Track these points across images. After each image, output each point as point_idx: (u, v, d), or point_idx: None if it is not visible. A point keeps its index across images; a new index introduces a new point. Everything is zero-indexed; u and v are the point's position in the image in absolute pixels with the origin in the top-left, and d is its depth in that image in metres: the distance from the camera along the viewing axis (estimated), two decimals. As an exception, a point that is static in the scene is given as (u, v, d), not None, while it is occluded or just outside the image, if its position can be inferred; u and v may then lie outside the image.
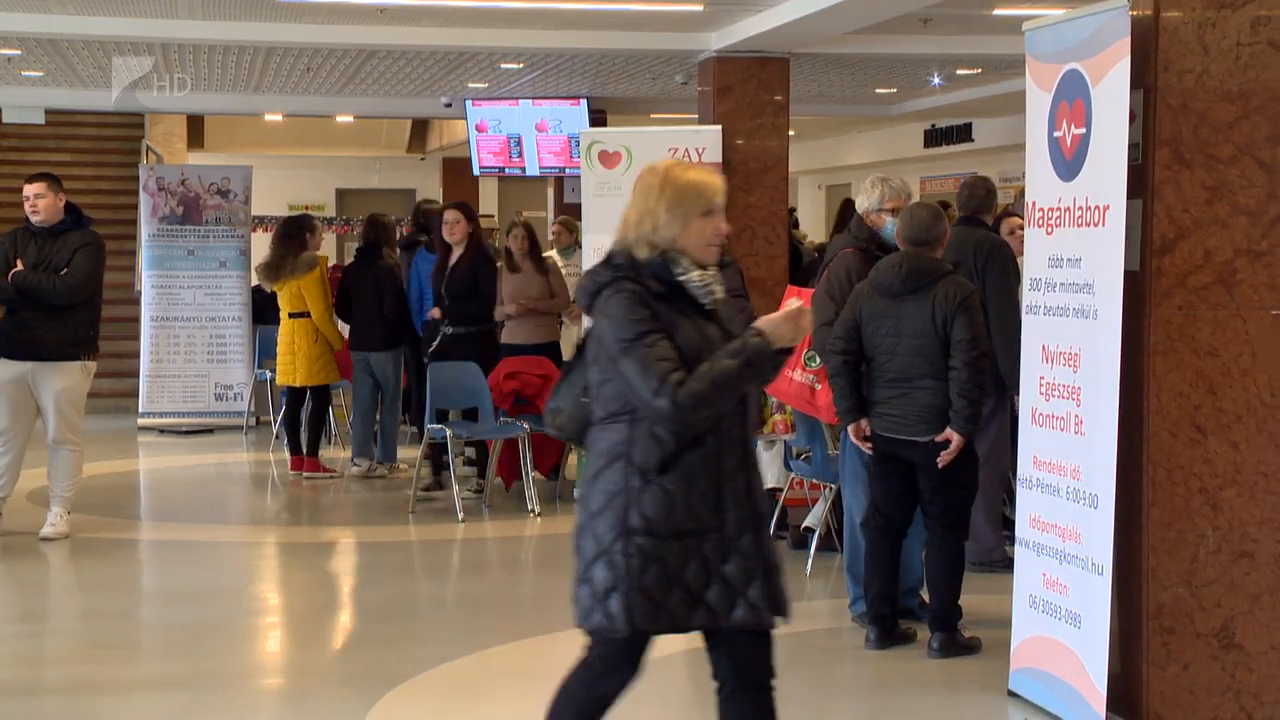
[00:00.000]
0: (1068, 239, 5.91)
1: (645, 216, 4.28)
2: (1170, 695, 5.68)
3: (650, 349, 4.11)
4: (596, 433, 4.28)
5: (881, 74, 14.32)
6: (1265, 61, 5.60)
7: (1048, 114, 6.06)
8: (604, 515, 4.20)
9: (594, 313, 4.32)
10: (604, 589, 4.19)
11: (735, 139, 11.33)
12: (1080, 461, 5.80)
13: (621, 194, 10.65)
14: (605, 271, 4.28)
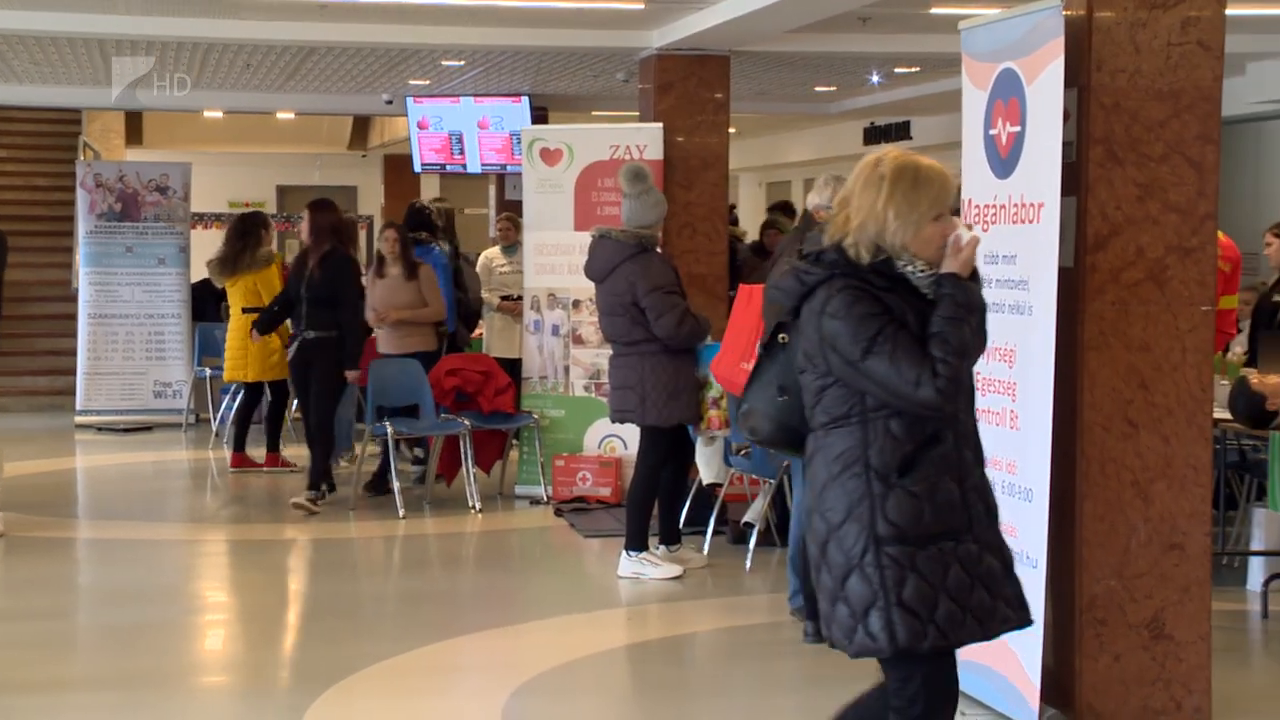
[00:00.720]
0: (1003, 236, 5.96)
1: (869, 219, 3.98)
2: (1102, 686, 5.74)
3: (895, 343, 3.89)
4: (820, 439, 4.03)
5: (821, 72, 14.39)
6: (1195, 61, 5.66)
7: (983, 112, 6.12)
8: (848, 526, 3.94)
9: (806, 314, 4.03)
10: (862, 606, 3.92)
11: (676, 136, 11.36)
12: (1015, 456, 5.85)
13: (563, 191, 10.81)
14: (817, 270, 4.02)
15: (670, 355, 8.18)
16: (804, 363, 4.07)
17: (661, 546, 8.50)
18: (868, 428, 3.96)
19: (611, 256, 8.21)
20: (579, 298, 10.52)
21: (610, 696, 6.62)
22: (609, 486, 10.35)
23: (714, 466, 8.95)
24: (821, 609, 4.05)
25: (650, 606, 7.96)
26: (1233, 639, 7.11)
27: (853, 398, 3.98)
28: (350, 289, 10.15)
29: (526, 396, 10.86)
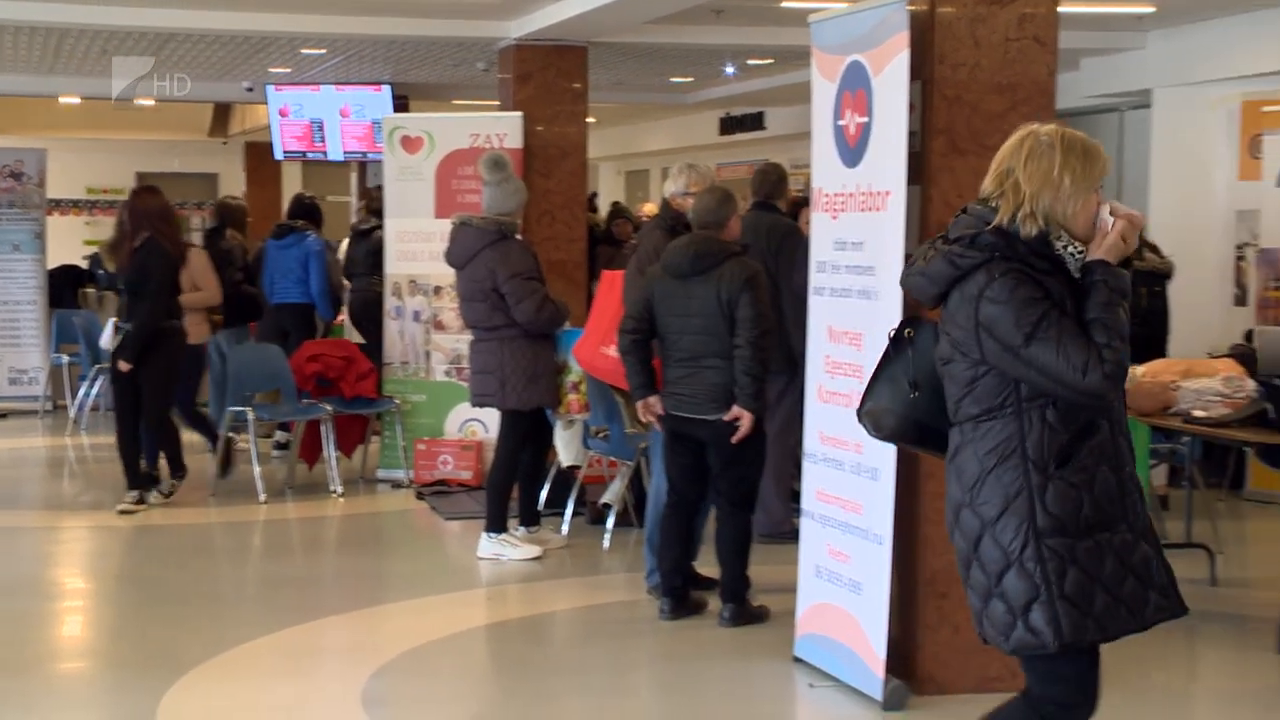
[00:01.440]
0: (851, 223, 6.05)
1: (1044, 187, 3.78)
2: (943, 656, 5.86)
3: (1060, 329, 3.70)
4: (970, 432, 3.84)
5: (677, 63, 14.47)
6: (1031, 56, 5.79)
7: (833, 103, 6.19)
8: (1005, 519, 3.78)
9: (957, 300, 3.82)
10: (1022, 602, 3.77)
11: (535, 125, 11.37)
12: (863, 437, 5.85)
13: (423, 178, 10.78)
14: (973, 253, 3.80)
15: (530, 340, 8.20)
16: (950, 352, 3.86)
17: (521, 528, 8.52)
18: (1023, 418, 3.77)
19: (472, 243, 8.20)
20: (440, 284, 10.50)
21: (469, 676, 6.64)
22: (470, 470, 10.35)
23: (573, 449, 8.98)
24: (972, 605, 3.90)
25: (510, 587, 7.99)
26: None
27: (1007, 387, 3.78)
28: (153, 280, 9.40)
29: (388, 382, 10.82)
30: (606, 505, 8.84)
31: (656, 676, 6.50)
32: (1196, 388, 7.19)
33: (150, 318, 9.33)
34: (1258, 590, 7.68)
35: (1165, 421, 7.22)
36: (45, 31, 12.29)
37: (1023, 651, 3.82)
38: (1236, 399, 7.02)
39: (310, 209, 12.19)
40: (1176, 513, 8.84)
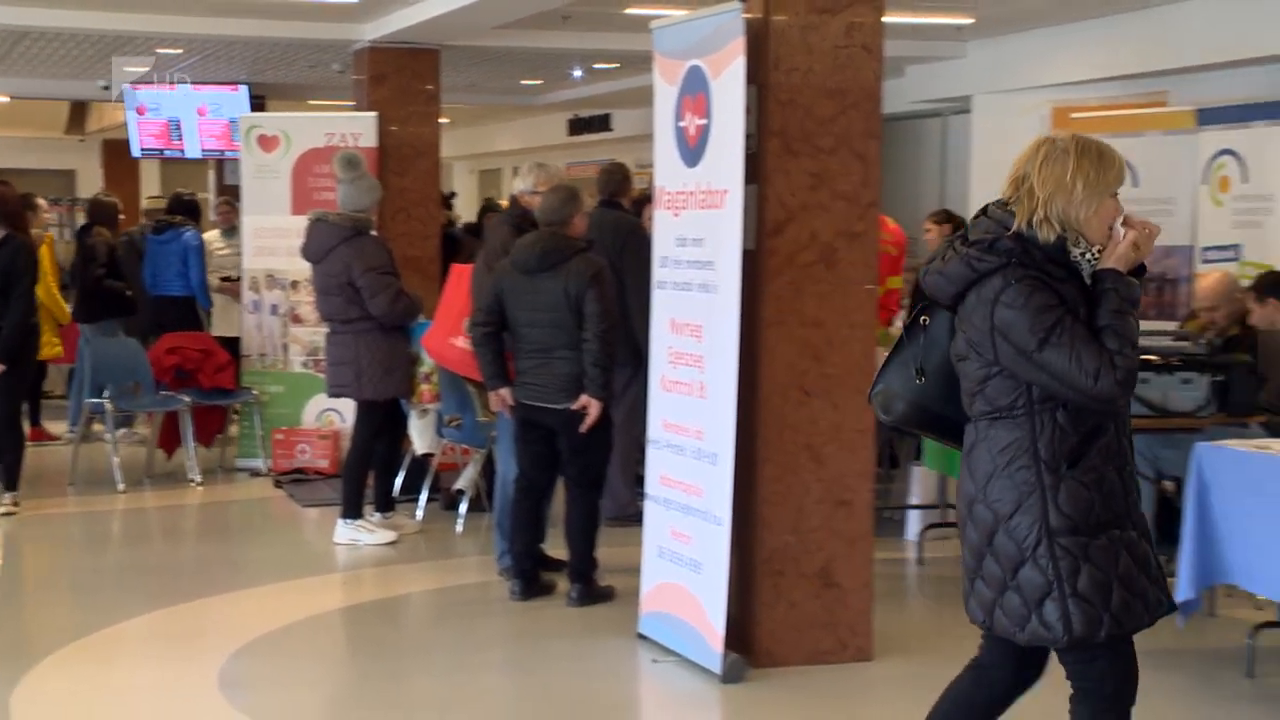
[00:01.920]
0: (692, 220, 6.07)
1: (1057, 192, 3.70)
2: (779, 631, 5.92)
3: (1074, 335, 3.64)
4: (984, 430, 3.79)
5: (527, 66, 14.42)
6: (859, 63, 5.85)
7: (674, 106, 6.21)
8: (1019, 517, 3.72)
9: (973, 302, 3.74)
10: (1036, 596, 3.73)
11: (390, 125, 11.27)
12: (703, 423, 5.97)
13: (280, 176, 10.63)
14: (990, 257, 3.71)
15: (384, 333, 8.13)
16: (965, 350, 3.81)
17: (376, 514, 8.47)
18: (1034, 419, 3.72)
19: (328, 239, 8.12)
20: (297, 278, 10.37)
21: (325, 657, 6.56)
22: (327, 458, 10.23)
23: (427, 437, 8.93)
24: (985, 596, 3.83)
25: (365, 570, 7.91)
26: (893, 584, 7.39)
27: (1018, 389, 3.73)
28: (24, 276, 8.92)
29: (246, 373, 10.66)
30: (460, 491, 8.81)
31: (507, 655, 6.48)
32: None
33: (24, 316, 8.98)
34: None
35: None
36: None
37: (1035, 643, 3.79)
38: (1050, 386, 7.16)
39: (189, 205, 12.14)
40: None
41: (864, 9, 5.83)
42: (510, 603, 7.01)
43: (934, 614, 7.14)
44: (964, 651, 6.24)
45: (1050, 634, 3.73)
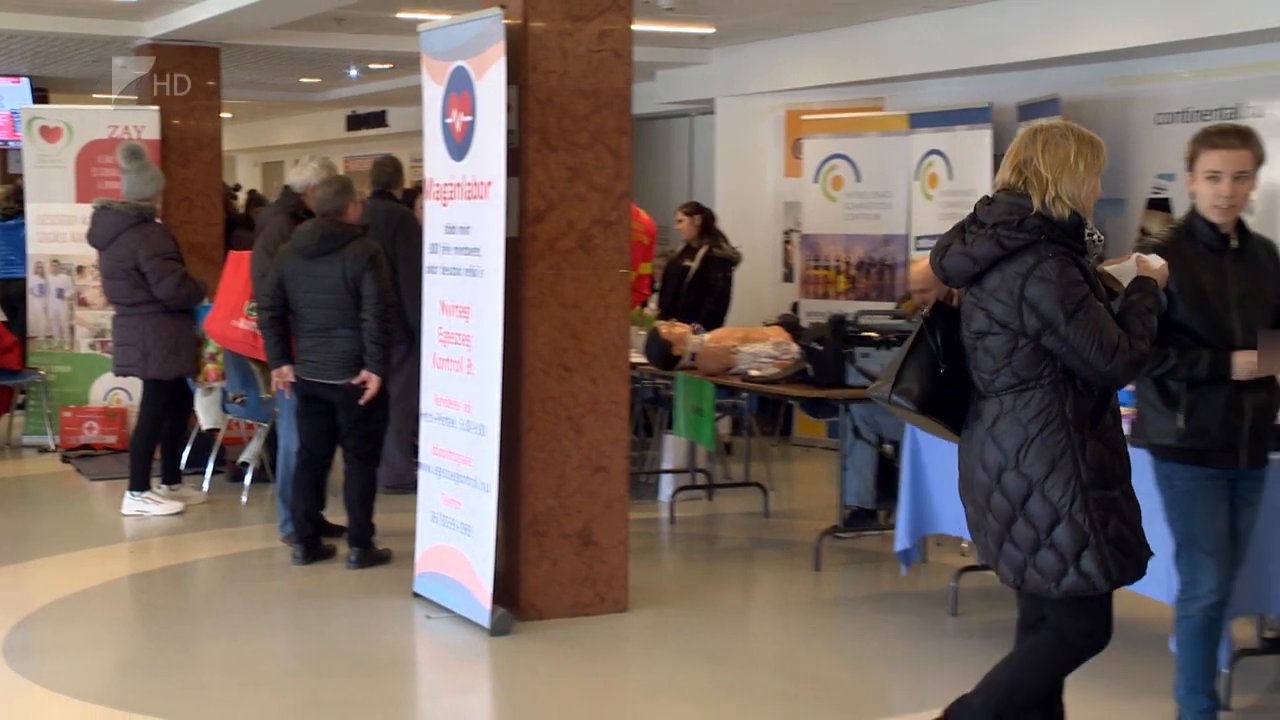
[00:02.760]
0: (459, 210, 6.03)
1: (1063, 173, 3.69)
2: (543, 587, 5.93)
3: (1097, 314, 3.63)
4: (1008, 402, 3.72)
5: (305, 65, 14.11)
6: (610, 66, 5.86)
7: (441, 103, 6.16)
8: (1053, 478, 3.68)
9: (999, 278, 3.69)
10: (1074, 550, 3.68)
11: (172, 119, 10.94)
12: (471, 397, 5.95)
13: (63, 166, 10.21)
14: (1020, 235, 3.67)
15: (170, 315, 7.94)
16: (988, 325, 3.73)
17: (164, 486, 8.24)
18: (1058, 387, 3.69)
19: (113, 226, 7.90)
20: (82, 264, 9.99)
21: (113, 622, 6.33)
22: (115, 434, 9.89)
23: (212, 414, 8.70)
24: (1016, 558, 3.76)
25: (153, 540, 7.66)
26: (647, 542, 7.47)
27: (1045, 359, 3.69)
28: None
29: (33, 354, 10.23)
30: (244, 464, 8.63)
31: (291, 615, 6.35)
32: (752, 351, 7.45)
33: None
34: (801, 520, 8.03)
35: (727, 380, 7.46)
36: None
37: (1075, 594, 3.72)
38: (784, 360, 7.32)
39: None
40: (738, 457, 9.17)
41: (615, 17, 5.85)
42: (293, 567, 6.88)
43: (684, 568, 7.24)
44: (711, 602, 6.40)
45: (1090, 583, 3.70)
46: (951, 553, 6.82)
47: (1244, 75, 8.68)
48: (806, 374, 7.04)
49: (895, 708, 5.17)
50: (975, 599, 6.27)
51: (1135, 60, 9.19)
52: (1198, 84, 8.94)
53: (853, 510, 7.18)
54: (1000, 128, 9.71)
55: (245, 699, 5.15)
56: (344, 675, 5.40)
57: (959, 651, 5.68)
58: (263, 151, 24.52)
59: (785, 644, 6.01)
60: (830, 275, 10.70)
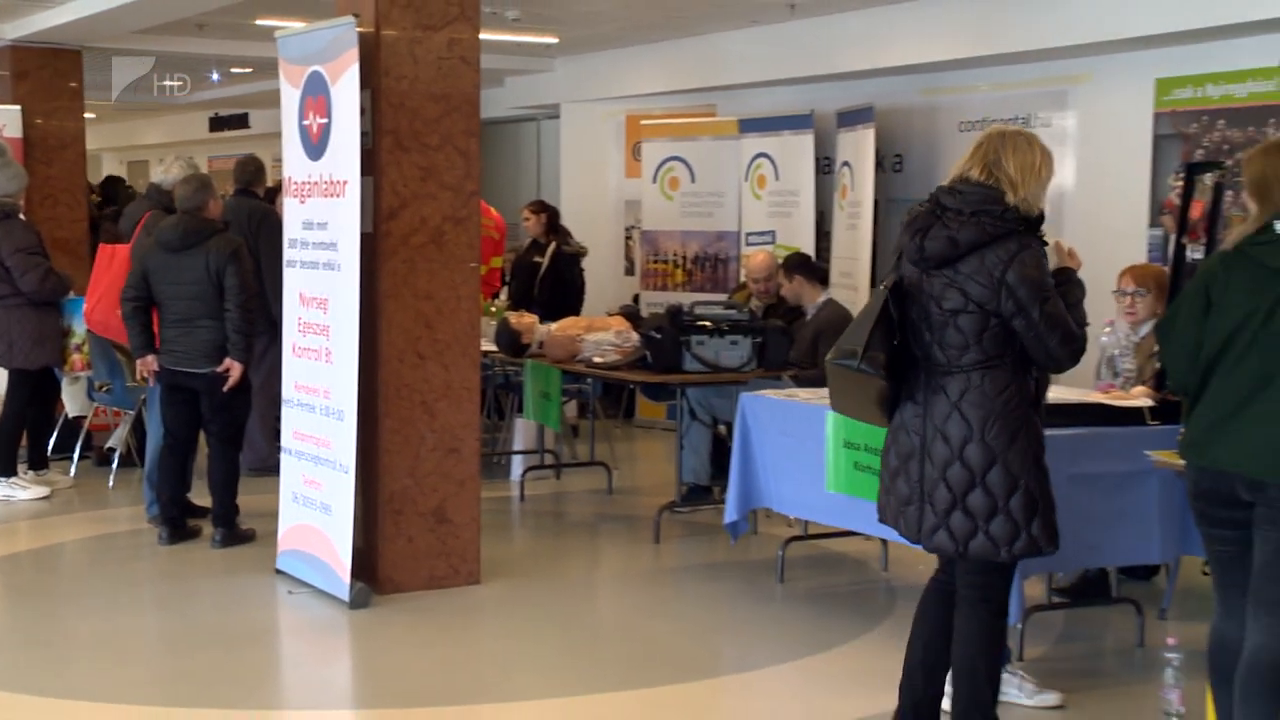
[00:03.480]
0: (317, 207, 5.93)
1: (1029, 175, 3.73)
2: (399, 561, 5.88)
3: (1061, 306, 3.71)
4: (974, 379, 3.72)
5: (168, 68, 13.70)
6: (459, 73, 5.81)
7: (298, 106, 6.06)
8: (1014, 450, 3.70)
9: (977, 263, 3.69)
10: (1025, 515, 3.71)
11: (35, 119, 10.57)
12: (330, 384, 5.86)
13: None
14: (1000, 223, 3.68)
15: (34, 307, 7.72)
16: (962, 303, 3.72)
17: (30, 471, 7.98)
18: (1019, 365, 3.74)
19: (-24, 222, 7.60)
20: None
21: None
22: (-19, 423, 9.51)
23: (79, 401, 8.46)
24: (964, 528, 3.75)
25: (21, 523, 7.40)
26: (498, 519, 7.44)
27: (1010, 340, 3.72)
28: None
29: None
30: (111, 449, 8.41)
31: (157, 593, 6.20)
32: (596, 339, 7.46)
33: None
34: (642, 496, 8.07)
35: (573, 366, 7.46)
36: None
37: (1023, 556, 3.77)
38: (625, 348, 7.33)
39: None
40: (583, 438, 9.18)
41: (463, 27, 5.81)
42: (159, 547, 6.71)
43: (534, 542, 7.23)
44: (559, 573, 6.41)
45: (1039, 544, 3.75)
46: (779, 524, 6.92)
47: (1035, 89, 8.95)
48: (646, 360, 7.06)
49: (728, 667, 5.24)
50: (800, 566, 6.37)
51: (942, 73, 9.41)
52: (995, 95, 9.20)
53: (689, 487, 7.25)
54: (821, 133, 9.87)
55: (114, 674, 5.02)
56: (210, 649, 5.29)
57: (786, 614, 5.78)
58: (128, 150, 23.79)
59: (627, 611, 6.05)
60: (668, 269, 10.76)
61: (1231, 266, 3.65)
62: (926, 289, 3.80)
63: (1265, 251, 3.60)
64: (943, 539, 3.81)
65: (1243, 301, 3.60)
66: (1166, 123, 8.26)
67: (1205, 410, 3.67)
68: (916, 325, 3.83)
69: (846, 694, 4.72)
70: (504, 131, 14.30)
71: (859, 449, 5.17)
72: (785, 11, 9.41)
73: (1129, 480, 4.81)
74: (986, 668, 3.86)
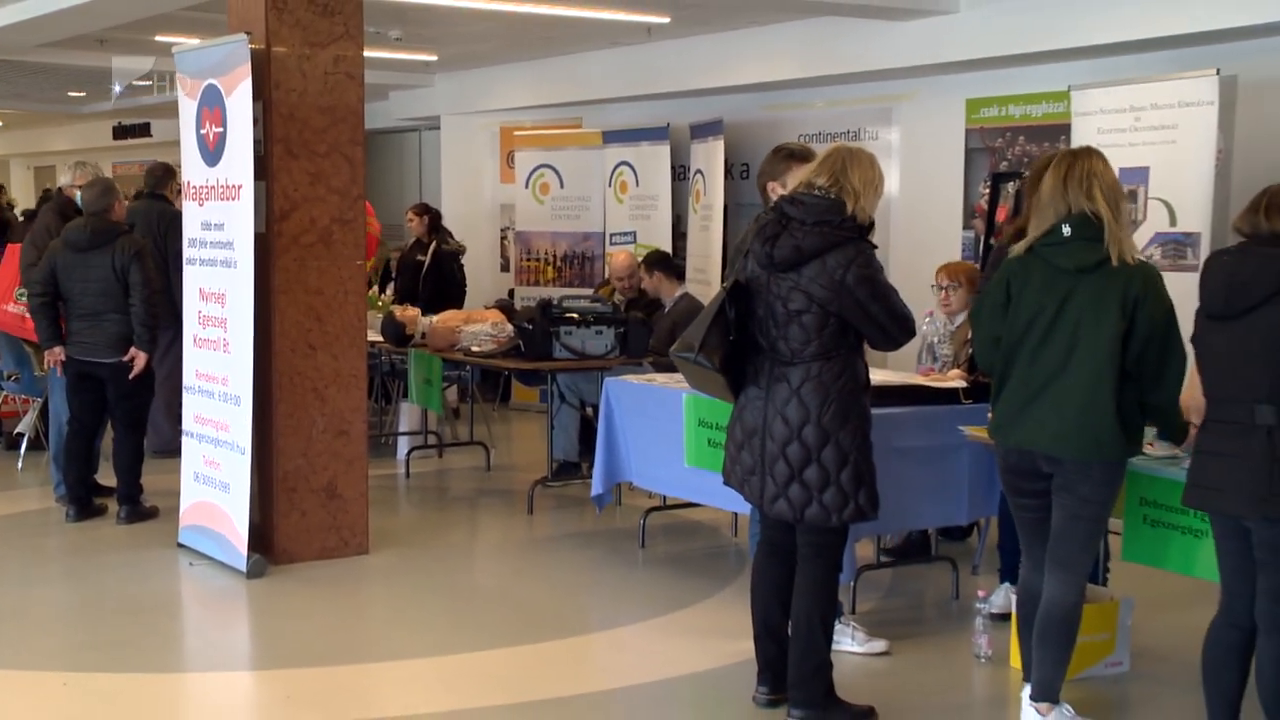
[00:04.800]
0: (214, 209, 5.79)
1: (867, 188, 3.77)
2: (294, 534, 5.78)
3: (897, 297, 3.78)
4: (814, 369, 3.76)
5: (72, 80, 13.24)
6: (345, 87, 5.71)
7: (195, 116, 5.90)
8: (846, 430, 3.76)
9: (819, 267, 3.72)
10: (854, 486, 3.78)
11: (-57, 126, 10.09)
12: (228, 372, 5.73)
13: None
14: (839, 231, 3.72)
15: (-65, 305, 7.37)
16: (806, 304, 3.75)
17: (-59, 457, 7.65)
18: (848, 357, 3.79)
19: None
20: None
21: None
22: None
23: (-14, 391, 8.13)
24: (800, 498, 3.80)
25: (-67, 506, 7.11)
26: (386, 494, 7.33)
27: (845, 334, 3.78)
28: None
29: None
30: (20, 434, 8.08)
31: (66, 567, 5.98)
32: (474, 330, 7.39)
33: None
34: (518, 472, 8.02)
35: (453, 355, 7.39)
36: None
37: (853, 521, 3.84)
38: (501, 338, 7.28)
39: None
40: (464, 420, 9.10)
41: (348, 45, 5.70)
42: (67, 525, 6.48)
43: (418, 516, 7.14)
44: (442, 543, 6.34)
45: (864, 512, 3.82)
46: (640, 496, 6.93)
47: (864, 106, 9.10)
48: (520, 349, 7.03)
49: (596, 625, 5.23)
50: (660, 534, 6.40)
51: (783, 91, 9.50)
52: (829, 112, 9.32)
53: (560, 463, 7.22)
54: (676, 144, 9.91)
55: (25, 642, 4.83)
56: (117, 617, 5.13)
57: (648, 576, 5.79)
58: (35, 156, 22.92)
59: (504, 576, 6.01)
60: (540, 266, 10.72)
61: (1028, 266, 3.75)
62: (774, 290, 3.81)
63: (1054, 252, 3.70)
64: (782, 507, 3.86)
65: (1037, 298, 3.71)
66: (976, 138, 8.47)
67: (1010, 396, 3.78)
68: (764, 321, 3.85)
69: (702, 646, 4.75)
70: (389, 141, 14.10)
71: (712, 428, 5.20)
72: (644, 35, 9.41)
73: (944, 452, 4.90)
74: (822, 619, 3.91)
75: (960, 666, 4.57)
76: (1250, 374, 3.40)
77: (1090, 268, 3.64)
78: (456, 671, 4.57)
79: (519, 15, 8.52)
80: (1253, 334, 3.40)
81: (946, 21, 7.82)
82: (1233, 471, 3.42)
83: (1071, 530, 3.74)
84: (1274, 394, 3.36)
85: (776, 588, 4.00)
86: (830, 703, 3.93)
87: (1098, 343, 3.62)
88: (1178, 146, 6.41)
